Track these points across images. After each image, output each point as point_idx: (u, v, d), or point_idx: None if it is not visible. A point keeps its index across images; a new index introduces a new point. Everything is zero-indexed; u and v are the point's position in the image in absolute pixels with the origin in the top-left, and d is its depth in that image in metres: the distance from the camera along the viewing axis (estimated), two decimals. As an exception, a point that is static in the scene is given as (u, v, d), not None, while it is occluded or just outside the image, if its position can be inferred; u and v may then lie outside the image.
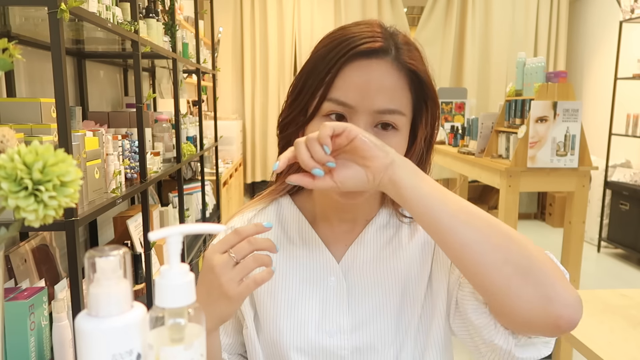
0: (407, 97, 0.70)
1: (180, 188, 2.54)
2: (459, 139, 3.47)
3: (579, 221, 2.56)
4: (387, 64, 0.68)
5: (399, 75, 0.69)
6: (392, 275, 0.74)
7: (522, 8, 5.54)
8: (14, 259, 1.37)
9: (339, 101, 0.67)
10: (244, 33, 5.37)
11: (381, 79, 0.67)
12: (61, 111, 1.14)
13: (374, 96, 0.67)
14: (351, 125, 0.60)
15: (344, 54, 0.67)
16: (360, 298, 0.74)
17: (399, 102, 0.69)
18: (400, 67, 0.69)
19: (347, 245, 0.77)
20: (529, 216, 5.82)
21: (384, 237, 0.77)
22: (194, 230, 0.44)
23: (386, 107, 0.67)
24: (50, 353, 1.23)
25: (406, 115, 0.70)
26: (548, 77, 2.57)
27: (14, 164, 0.38)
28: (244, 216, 0.82)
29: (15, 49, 0.56)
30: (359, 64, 0.67)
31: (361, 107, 0.67)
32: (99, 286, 0.39)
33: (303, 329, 0.73)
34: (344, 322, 0.73)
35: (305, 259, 0.76)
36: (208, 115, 4.21)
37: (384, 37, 0.69)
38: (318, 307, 0.74)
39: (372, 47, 0.67)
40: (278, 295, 0.75)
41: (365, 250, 0.76)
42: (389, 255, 0.76)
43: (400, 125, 0.69)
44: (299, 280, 0.76)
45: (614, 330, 1.22)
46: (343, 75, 0.67)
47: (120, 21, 1.59)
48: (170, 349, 0.41)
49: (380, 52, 0.68)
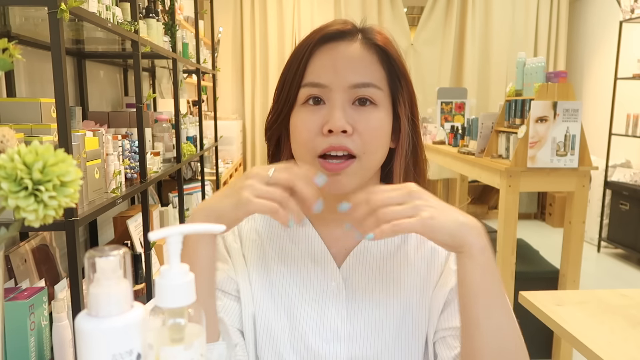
0: (380, 72, 0.70)
1: (180, 188, 2.54)
2: (459, 139, 3.47)
3: (579, 221, 2.56)
4: (356, 43, 0.70)
5: (368, 52, 0.70)
6: (395, 290, 0.73)
7: (522, 8, 5.54)
8: (14, 259, 1.37)
9: (313, 83, 0.68)
10: (244, 33, 5.37)
11: (351, 56, 0.69)
12: (61, 111, 1.14)
13: (346, 72, 0.68)
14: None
15: (313, 40, 0.70)
16: (360, 308, 0.72)
17: (372, 75, 0.69)
18: (370, 45, 0.70)
19: (348, 249, 0.75)
20: (529, 216, 5.82)
21: (389, 246, 0.75)
22: (194, 230, 0.44)
23: (359, 81, 0.68)
24: (50, 353, 1.23)
25: (382, 89, 0.70)
26: (548, 77, 2.57)
27: (14, 164, 0.38)
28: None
29: (15, 49, 0.56)
30: (328, 46, 0.69)
31: (335, 85, 0.67)
32: (99, 286, 0.39)
33: (301, 332, 0.72)
34: (342, 330, 0.72)
35: (307, 261, 0.75)
36: (208, 115, 4.21)
37: (354, 25, 0.72)
38: (317, 312, 0.72)
39: (339, 29, 0.70)
40: (278, 295, 0.74)
41: (369, 259, 0.74)
42: (393, 268, 0.74)
43: (377, 99, 0.69)
44: (299, 282, 0.74)
45: (614, 330, 1.22)
46: (314, 59, 0.69)
47: (120, 21, 1.59)
48: (170, 349, 0.41)
49: (347, 34, 0.70)
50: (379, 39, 0.71)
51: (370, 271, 0.74)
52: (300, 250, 0.76)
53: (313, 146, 0.68)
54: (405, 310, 0.72)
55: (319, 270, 0.74)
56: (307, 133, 0.68)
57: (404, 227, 0.57)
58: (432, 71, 5.52)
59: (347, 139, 0.67)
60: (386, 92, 0.71)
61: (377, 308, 0.72)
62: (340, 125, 0.65)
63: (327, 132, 0.66)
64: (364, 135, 0.67)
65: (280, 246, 0.77)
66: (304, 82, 0.69)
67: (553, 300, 1.39)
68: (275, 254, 0.77)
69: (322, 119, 0.67)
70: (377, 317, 0.72)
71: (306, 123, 0.68)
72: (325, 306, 0.72)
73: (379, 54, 0.70)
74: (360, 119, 0.67)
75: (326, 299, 0.73)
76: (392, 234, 0.57)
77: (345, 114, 0.67)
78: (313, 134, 0.68)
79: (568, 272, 2.59)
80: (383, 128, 0.70)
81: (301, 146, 0.70)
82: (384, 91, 0.70)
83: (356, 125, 0.67)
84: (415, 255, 0.75)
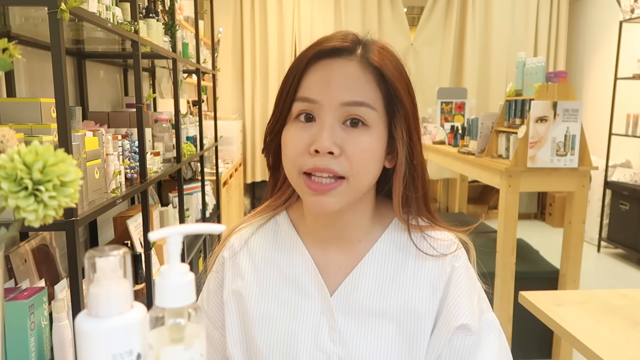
0: (376, 92, 0.67)
1: (180, 188, 2.54)
2: (459, 139, 3.47)
3: (579, 221, 2.56)
4: (352, 61, 0.67)
5: (364, 71, 0.67)
6: (391, 316, 0.71)
7: (522, 8, 5.54)
8: (14, 259, 1.37)
9: (304, 97, 0.67)
10: (244, 33, 5.37)
11: (345, 73, 0.66)
12: (61, 111, 1.14)
13: (339, 89, 0.65)
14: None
15: (310, 55, 0.68)
16: (353, 333, 0.71)
17: (365, 95, 0.66)
18: (366, 64, 0.67)
19: (342, 269, 0.73)
20: (529, 216, 5.82)
21: (387, 267, 0.73)
22: (194, 230, 0.44)
23: (351, 99, 0.65)
24: (50, 353, 1.23)
25: (376, 110, 0.67)
26: (548, 77, 2.57)
27: (14, 164, 0.38)
28: (242, 234, 0.80)
29: (15, 49, 0.56)
30: (324, 62, 0.67)
31: (326, 101, 0.66)
32: (99, 286, 0.39)
33: (295, 353, 0.71)
34: (335, 354, 0.70)
35: (301, 283, 0.74)
36: (208, 115, 4.22)
37: (353, 41, 0.69)
38: (311, 334, 0.71)
39: (337, 45, 0.67)
40: (272, 315, 0.73)
41: (363, 284, 0.72)
42: (390, 294, 0.72)
43: (370, 120, 0.66)
44: (293, 305, 0.73)
45: (614, 330, 1.22)
46: (308, 74, 0.68)
47: (120, 21, 1.59)
48: (170, 349, 0.41)
49: (345, 52, 0.67)
50: (377, 59, 0.67)
51: (365, 297, 0.72)
52: (296, 272, 0.75)
53: (299, 164, 0.67)
54: (403, 334, 0.71)
55: (313, 296, 0.73)
56: (294, 150, 0.67)
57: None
58: (432, 71, 5.52)
59: (333, 161, 0.65)
60: (381, 113, 0.68)
61: (372, 334, 0.71)
62: (327, 146, 0.64)
63: (313, 152, 0.65)
64: (351, 158, 0.65)
65: (275, 268, 0.76)
66: (297, 96, 0.68)
67: (553, 300, 1.39)
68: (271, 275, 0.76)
69: (311, 137, 0.66)
70: (371, 342, 0.70)
71: (295, 140, 0.67)
72: (320, 331, 0.71)
73: (375, 75, 0.67)
74: (349, 141, 0.65)
75: (320, 324, 0.72)
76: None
77: (333, 135, 0.65)
78: (300, 151, 0.67)
79: (568, 272, 2.59)
80: (373, 151, 0.67)
81: (288, 162, 0.69)
82: (378, 112, 0.67)
83: (344, 146, 0.65)
84: (412, 281, 0.72)
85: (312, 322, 0.72)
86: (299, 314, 0.72)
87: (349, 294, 0.72)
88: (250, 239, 0.79)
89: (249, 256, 0.78)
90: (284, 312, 0.73)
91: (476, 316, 0.71)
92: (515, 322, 2.52)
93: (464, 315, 0.69)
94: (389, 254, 0.73)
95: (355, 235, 0.74)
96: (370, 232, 0.75)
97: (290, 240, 0.77)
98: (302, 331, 0.71)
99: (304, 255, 0.75)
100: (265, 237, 0.79)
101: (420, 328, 0.70)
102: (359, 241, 0.74)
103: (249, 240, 0.79)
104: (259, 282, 0.76)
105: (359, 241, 0.74)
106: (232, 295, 0.77)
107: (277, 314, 0.73)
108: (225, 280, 0.78)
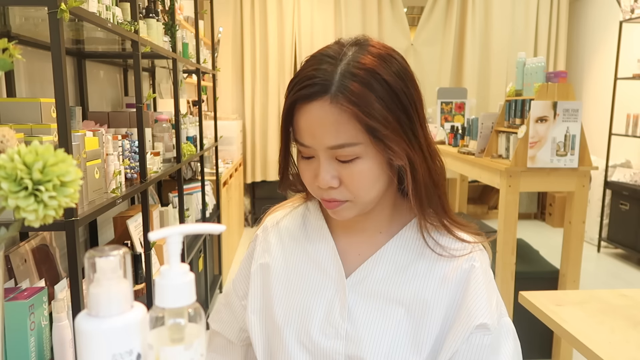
0: (355, 127, 0.68)
1: (180, 188, 2.54)
2: (459, 139, 3.47)
3: (579, 221, 2.56)
4: (326, 102, 0.68)
5: (339, 110, 0.67)
6: (400, 302, 0.76)
7: (522, 8, 5.54)
8: (14, 259, 1.37)
9: (299, 142, 0.73)
10: (244, 33, 5.37)
11: (322, 119, 0.69)
12: (61, 111, 1.14)
13: (321, 136, 0.69)
14: None
15: (290, 101, 0.71)
16: (363, 313, 0.77)
17: (346, 135, 0.68)
18: (338, 101, 0.67)
19: (361, 255, 0.80)
20: (529, 216, 5.82)
21: (402, 259, 0.78)
22: (194, 230, 0.44)
23: (333, 144, 0.69)
24: (50, 353, 1.23)
25: (360, 143, 0.69)
26: (548, 77, 2.57)
27: (14, 164, 0.38)
28: (275, 216, 0.90)
29: (15, 49, 0.56)
30: (303, 108, 0.70)
31: (316, 147, 0.71)
32: (99, 286, 0.39)
33: (307, 325, 0.78)
34: (343, 330, 0.76)
35: (321, 263, 0.81)
36: (208, 115, 4.22)
37: (324, 76, 0.68)
38: (324, 310, 0.78)
39: (308, 92, 0.69)
40: (292, 288, 0.82)
41: (377, 271, 0.78)
42: (402, 282, 0.77)
43: (358, 153, 0.70)
44: (312, 281, 0.81)
45: (614, 330, 1.22)
46: (296, 120, 0.72)
47: (120, 21, 1.59)
48: (170, 349, 0.41)
49: (316, 94, 0.68)
50: (350, 96, 0.66)
51: (378, 282, 0.77)
52: (317, 253, 0.83)
53: (313, 190, 0.76)
54: (407, 316, 0.75)
55: (331, 275, 0.80)
56: (307, 180, 0.76)
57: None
58: (432, 71, 5.52)
59: (335, 192, 0.72)
60: (367, 142, 0.69)
61: (379, 317, 0.76)
62: (325, 183, 0.71)
63: (317, 187, 0.73)
64: (350, 186, 0.72)
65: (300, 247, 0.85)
66: (295, 138, 0.74)
67: (553, 300, 1.39)
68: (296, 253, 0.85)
69: (314, 171, 0.73)
70: (379, 323, 0.76)
71: (304, 172, 0.76)
72: (332, 306, 0.78)
73: (350, 110, 0.67)
74: (345, 173, 0.71)
75: (334, 300, 0.78)
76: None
77: (330, 169, 0.71)
78: (310, 182, 0.75)
79: (568, 272, 2.59)
80: (372, 173, 0.71)
81: (307, 186, 0.78)
82: (363, 143, 0.69)
83: (342, 177, 0.71)
84: (425, 274, 0.77)
85: (326, 299, 0.79)
86: (315, 289, 0.80)
87: (363, 278, 0.78)
88: (281, 220, 0.89)
89: (279, 235, 0.88)
90: (303, 286, 0.81)
91: (495, 317, 0.73)
92: (515, 322, 2.50)
93: (483, 315, 0.72)
94: (405, 248, 0.79)
95: (377, 227, 0.81)
96: (391, 226, 0.81)
97: (317, 225, 0.85)
98: (316, 305, 0.79)
99: (327, 239, 0.82)
100: (295, 220, 0.88)
101: (428, 314, 0.74)
102: (379, 232, 0.81)
103: (280, 221, 0.89)
104: (284, 257, 0.85)
105: (380, 232, 0.81)
106: (259, 269, 0.86)
107: (296, 286, 0.82)
108: (255, 254, 0.88)
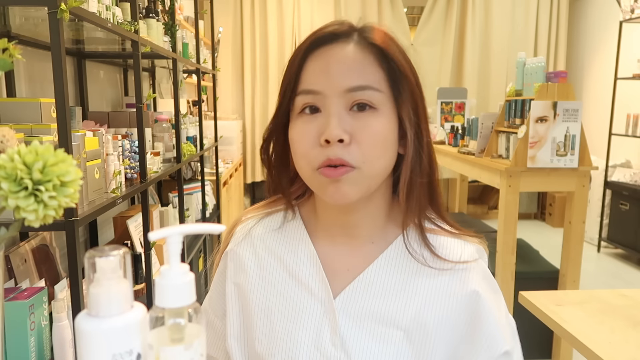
0: (379, 72, 0.64)
1: (180, 188, 2.54)
2: (459, 139, 3.47)
3: (579, 221, 2.56)
4: (350, 44, 0.65)
5: (364, 52, 0.64)
6: (399, 325, 0.67)
7: (522, 8, 5.54)
8: (14, 259, 1.37)
9: (306, 90, 0.64)
10: (244, 33, 5.37)
11: (344, 58, 0.64)
12: (61, 111, 1.14)
13: (340, 76, 0.63)
14: None
15: (306, 45, 0.65)
16: (357, 338, 0.67)
17: (369, 77, 0.63)
18: (366, 44, 0.64)
19: (350, 270, 0.70)
20: (529, 216, 5.82)
21: (398, 275, 0.69)
22: (194, 230, 0.44)
23: (355, 84, 0.63)
24: (50, 353, 1.23)
25: (382, 91, 0.64)
26: (548, 77, 2.57)
27: (14, 164, 0.38)
28: (246, 225, 0.78)
29: (15, 49, 0.56)
30: (322, 50, 0.65)
31: (329, 91, 0.63)
32: (99, 286, 0.39)
33: (295, 355, 0.68)
34: (336, 359, 0.67)
35: (304, 279, 0.71)
36: (208, 115, 4.21)
37: (350, 26, 0.66)
38: (312, 336, 0.68)
39: (332, 30, 0.65)
40: (273, 312, 0.71)
41: (372, 290, 0.68)
42: (399, 302, 0.68)
43: (377, 102, 0.63)
44: (295, 303, 0.70)
45: (614, 330, 1.22)
46: (307, 65, 0.65)
47: (120, 21, 1.59)
48: (170, 349, 0.41)
49: (341, 36, 0.65)
50: (376, 38, 0.65)
51: (373, 300, 0.68)
52: (299, 267, 0.72)
53: (311, 158, 0.64)
54: (407, 341, 0.67)
55: (316, 293, 0.70)
56: (304, 145, 0.64)
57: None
58: (432, 71, 5.52)
59: (344, 150, 0.62)
60: (387, 94, 0.64)
61: (377, 340, 0.67)
62: (337, 134, 0.61)
63: (324, 142, 0.62)
64: (362, 144, 0.62)
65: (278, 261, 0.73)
66: (298, 90, 0.65)
67: (553, 300, 1.39)
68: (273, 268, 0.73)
69: (319, 128, 0.63)
70: (376, 350, 0.67)
71: (303, 133, 0.65)
72: (321, 331, 0.68)
73: (376, 54, 0.64)
74: (358, 126, 0.63)
75: (322, 324, 0.68)
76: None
77: (341, 122, 0.62)
78: (310, 144, 0.64)
79: (568, 272, 2.59)
80: (385, 134, 0.64)
81: (299, 159, 0.66)
82: (384, 93, 0.64)
83: (354, 133, 0.62)
84: (426, 290, 0.69)
85: (314, 323, 0.68)
86: (300, 312, 0.69)
87: (355, 298, 0.68)
88: (253, 229, 0.77)
89: (252, 246, 0.75)
90: (285, 309, 0.70)
91: (510, 335, 0.70)
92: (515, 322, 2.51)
93: (504, 342, 0.67)
94: (402, 260, 0.69)
95: (368, 235, 0.71)
96: (385, 233, 0.71)
97: (297, 233, 0.74)
98: (302, 331, 0.68)
99: (309, 250, 0.71)
100: (269, 227, 0.76)
101: (430, 339, 0.67)
102: (371, 242, 0.71)
103: (252, 229, 0.77)
104: (261, 276, 0.73)
105: (372, 242, 0.71)
106: (234, 290, 0.75)
107: (277, 310, 0.70)
108: (228, 272, 0.76)
